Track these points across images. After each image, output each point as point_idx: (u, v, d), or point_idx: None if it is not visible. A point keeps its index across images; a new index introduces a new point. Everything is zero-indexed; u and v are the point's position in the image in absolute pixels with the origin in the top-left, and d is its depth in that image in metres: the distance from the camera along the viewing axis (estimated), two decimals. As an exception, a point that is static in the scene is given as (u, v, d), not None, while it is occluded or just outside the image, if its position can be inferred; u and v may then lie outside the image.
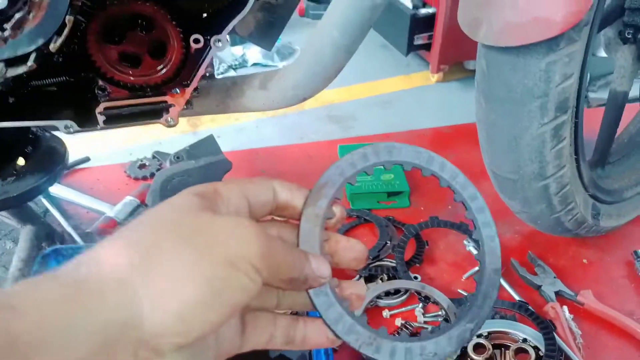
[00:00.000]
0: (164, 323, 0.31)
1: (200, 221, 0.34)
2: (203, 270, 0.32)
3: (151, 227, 0.34)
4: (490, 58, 0.80)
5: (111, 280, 0.31)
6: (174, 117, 0.70)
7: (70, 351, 0.29)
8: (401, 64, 2.19)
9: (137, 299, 0.31)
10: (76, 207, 1.22)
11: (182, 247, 0.33)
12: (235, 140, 1.79)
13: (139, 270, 0.32)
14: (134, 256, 0.32)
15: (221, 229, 0.34)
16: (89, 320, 0.29)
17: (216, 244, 0.33)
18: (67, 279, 0.31)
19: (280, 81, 0.74)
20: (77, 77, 0.68)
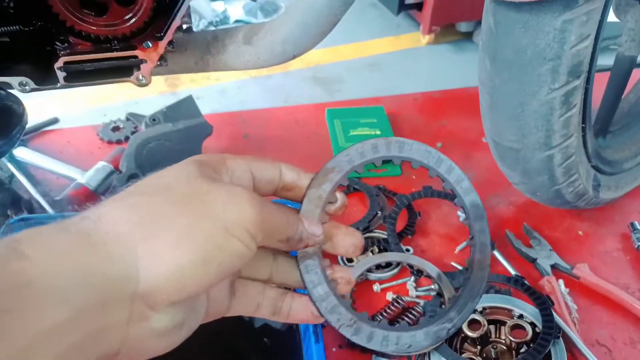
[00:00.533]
0: (159, 280, 0.33)
1: (197, 187, 0.35)
2: (199, 234, 0.34)
3: (150, 190, 0.36)
4: (499, 15, 0.73)
5: (112, 235, 0.33)
6: (146, 75, 0.62)
7: (71, 300, 0.30)
8: (391, 24, 2.10)
9: (135, 255, 0.33)
10: (45, 173, 1.14)
11: (179, 211, 0.34)
12: (217, 101, 1.71)
13: (137, 228, 0.33)
14: (133, 216, 0.34)
15: (218, 195, 0.35)
16: (91, 271, 0.31)
17: (212, 210, 0.35)
18: (72, 230, 0.32)
19: (267, 35, 0.66)
20: (33, 27, 0.59)
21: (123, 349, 0.34)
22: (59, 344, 0.30)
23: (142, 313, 0.33)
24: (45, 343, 0.29)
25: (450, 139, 1.25)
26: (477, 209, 0.51)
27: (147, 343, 0.35)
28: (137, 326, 0.34)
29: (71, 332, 0.30)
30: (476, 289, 0.50)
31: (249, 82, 1.77)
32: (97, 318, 0.31)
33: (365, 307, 0.87)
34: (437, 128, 1.30)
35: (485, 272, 0.51)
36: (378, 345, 0.44)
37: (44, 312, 0.29)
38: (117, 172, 1.08)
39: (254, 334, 0.83)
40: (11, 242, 0.30)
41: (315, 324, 0.77)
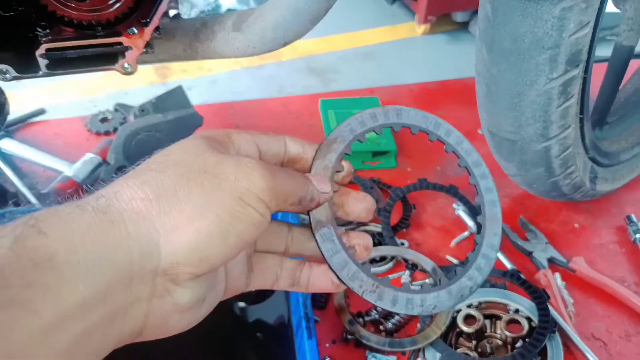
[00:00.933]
0: (179, 253, 0.33)
1: (207, 160, 0.36)
2: (214, 205, 0.34)
3: (161, 167, 0.35)
4: (496, 3, 0.71)
5: (130, 212, 0.33)
6: (132, 63, 0.60)
7: (97, 276, 0.30)
8: (386, 13, 2.07)
9: (155, 230, 0.33)
10: (31, 165, 1.12)
11: (192, 185, 0.34)
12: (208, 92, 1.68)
13: (154, 205, 0.33)
14: (148, 192, 0.34)
15: (227, 167, 0.36)
16: (114, 248, 0.31)
17: (225, 181, 0.35)
18: (88, 209, 0.32)
19: (257, 21, 0.63)
20: (14, 12, 0.57)
21: (147, 325, 0.34)
22: (84, 319, 0.30)
23: (165, 288, 0.34)
24: (71, 318, 0.29)
25: (446, 131, 1.23)
26: (480, 168, 0.51)
27: (170, 319, 0.35)
28: (160, 302, 0.34)
29: (96, 308, 0.30)
30: (493, 244, 0.48)
31: (241, 73, 1.74)
32: (120, 294, 0.32)
33: (360, 302, 0.86)
34: (432, 119, 1.28)
35: (499, 226, 0.49)
36: (403, 309, 0.44)
37: (68, 287, 0.29)
38: (105, 164, 1.05)
39: (248, 328, 0.82)
40: (29, 220, 0.30)
41: (308, 318, 0.76)
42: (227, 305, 0.83)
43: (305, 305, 0.77)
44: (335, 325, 0.83)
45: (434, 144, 0.53)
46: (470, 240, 0.96)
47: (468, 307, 0.83)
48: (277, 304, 0.84)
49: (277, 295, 0.84)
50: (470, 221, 0.98)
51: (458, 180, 1.08)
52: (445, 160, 1.15)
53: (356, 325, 0.81)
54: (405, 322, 0.84)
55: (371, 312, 0.85)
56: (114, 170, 0.99)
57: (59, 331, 0.29)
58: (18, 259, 0.28)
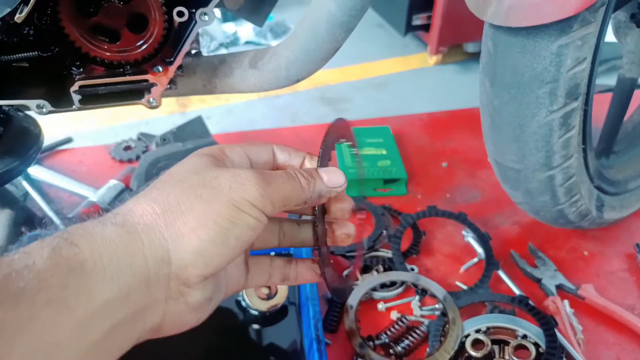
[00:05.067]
0: (186, 258, 0.38)
1: (205, 176, 0.40)
2: (213, 214, 0.39)
3: (167, 185, 0.40)
4: (497, 39, 0.75)
5: (142, 225, 0.38)
6: (156, 98, 0.65)
7: (120, 280, 0.35)
8: (398, 44, 2.13)
9: (164, 239, 0.38)
10: (58, 191, 1.17)
11: (193, 198, 0.39)
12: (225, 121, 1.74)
13: (161, 218, 0.38)
14: (155, 207, 0.39)
15: (224, 179, 0.40)
16: (132, 256, 0.36)
17: (221, 192, 0.39)
18: (108, 224, 0.37)
19: (272, 60, 0.68)
20: (51, 52, 0.62)
21: (164, 323, 0.40)
22: (111, 317, 0.35)
23: (179, 290, 0.39)
24: (100, 316, 0.34)
25: (456, 158, 1.26)
26: None
27: (183, 317, 0.41)
28: (175, 302, 0.39)
29: (120, 308, 0.35)
30: None
31: (257, 103, 1.81)
32: (140, 296, 0.37)
33: (370, 326, 0.88)
34: (442, 147, 1.31)
35: None
36: None
37: (96, 289, 0.34)
38: (128, 190, 1.10)
39: (261, 352, 0.84)
40: (62, 234, 0.36)
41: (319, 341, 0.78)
42: (241, 327, 0.86)
43: (317, 327, 0.79)
44: (346, 348, 0.85)
45: (443, 172, 0.56)
46: (480, 267, 0.98)
47: (476, 332, 0.84)
48: (289, 328, 0.86)
49: (289, 318, 0.86)
50: (480, 248, 1.00)
51: (467, 208, 1.10)
52: (454, 188, 1.18)
53: (366, 349, 0.83)
54: (415, 346, 0.86)
55: (381, 335, 0.86)
56: (135, 197, 1.03)
57: (90, 326, 0.34)
58: (56, 265, 0.33)
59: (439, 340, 0.83)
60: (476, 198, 1.16)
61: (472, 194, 1.17)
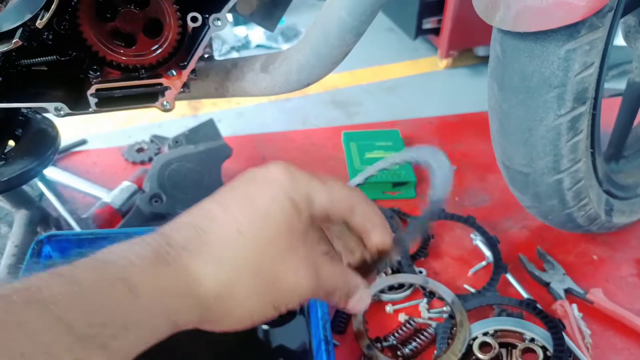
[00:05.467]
0: (240, 322, 0.41)
1: (277, 268, 0.40)
2: (269, 298, 0.41)
3: (239, 245, 0.39)
4: (505, 44, 0.76)
5: (201, 286, 0.38)
6: (170, 101, 0.66)
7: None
8: (408, 48, 2.14)
9: (227, 302, 0.39)
10: (72, 191, 1.20)
11: (258, 279, 0.40)
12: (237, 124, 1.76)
13: (225, 288, 0.39)
14: (220, 275, 0.39)
15: (288, 283, 0.41)
16: (169, 302, 0.37)
17: (277, 296, 0.41)
18: (183, 272, 0.38)
19: (283, 64, 0.70)
20: (69, 57, 0.64)
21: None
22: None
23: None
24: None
25: (465, 162, 1.27)
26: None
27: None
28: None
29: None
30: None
31: (268, 106, 1.82)
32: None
33: (378, 328, 0.89)
34: (452, 151, 1.32)
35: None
36: None
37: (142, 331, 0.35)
38: (141, 191, 1.12)
39: (269, 353, 0.85)
40: (119, 268, 0.36)
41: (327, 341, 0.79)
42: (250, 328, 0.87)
43: (325, 328, 0.80)
44: (353, 349, 0.86)
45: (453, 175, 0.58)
46: (488, 270, 0.99)
47: (484, 335, 0.85)
48: (298, 328, 0.87)
49: (298, 319, 0.88)
50: (488, 251, 1.01)
51: (476, 211, 1.11)
52: (463, 191, 1.19)
53: (374, 350, 0.84)
54: (423, 349, 0.86)
55: (389, 337, 0.87)
56: (148, 198, 1.05)
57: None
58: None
59: (446, 343, 0.84)
60: (485, 202, 1.17)
61: (481, 197, 1.18)
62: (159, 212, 1.04)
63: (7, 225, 1.16)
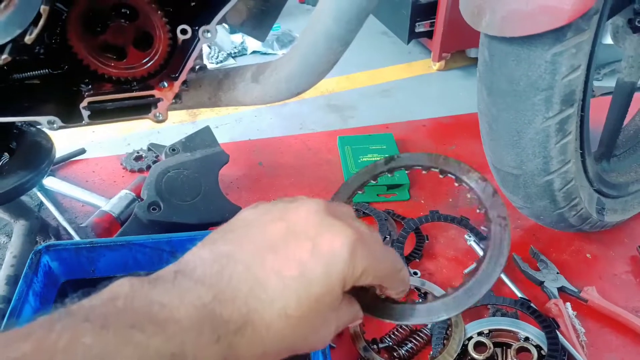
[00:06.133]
0: (276, 334, 0.39)
1: (313, 332, 0.41)
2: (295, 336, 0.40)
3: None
4: (492, 49, 0.77)
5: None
6: (163, 112, 0.68)
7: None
8: (402, 51, 2.15)
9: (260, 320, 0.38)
10: (71, 201, 1.20)
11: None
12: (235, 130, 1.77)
13: (259, 303, 0.38)
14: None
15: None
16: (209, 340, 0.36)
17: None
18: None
19: (273, 74, 0.71)
20: (61, 70, 0.65)
21: None
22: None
23: None
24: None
25: (459, 164, 1.28)
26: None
27: None
28: None
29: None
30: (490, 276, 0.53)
31: (265, 111, 1.84)
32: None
33: (373, 330, 0.90)
34: (445, 152, 1.31)
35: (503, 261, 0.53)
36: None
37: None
38: (139, 199, 1.13)
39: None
40: (157, 298, 0.35)
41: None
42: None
43: (321, 332, 0.81)
44: (350, 351, 0.87)
45: (445, 177, 0.59)
46: (482, 271, 0.99)
47: (479, 334, 0.86)
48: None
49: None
50: (482, 251, 1.01)
51: (469, 212, 1.12)
52: (457, 193, 1.19)
53: (370, 352, 0.84)
54: (418, 350, 0.87)
55: (385, 339, 0.88)
56: (146, 206, 1.06)
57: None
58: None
59: (442, 344, 0.85)
60: (479, 203, 1.18)
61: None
62: (156, 219, 1.05)
63: (6, 236, 1.17)
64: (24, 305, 0.79)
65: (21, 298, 0.79)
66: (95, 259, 0.92)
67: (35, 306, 0.83)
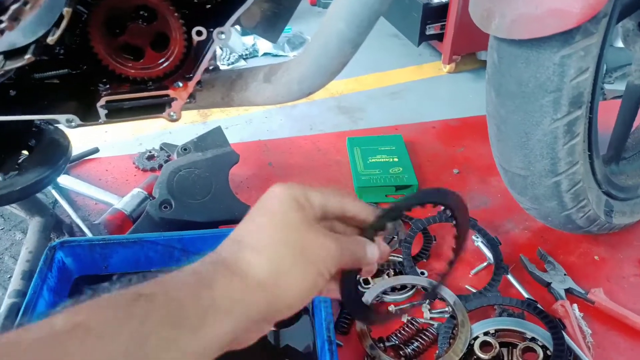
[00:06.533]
0: (288, 303, 0.47)
1: (303, 239, 0.48)
2: (311, 267, 0.48)
3: (271, 241, 0.47)
4: (501, 51, 0.78)
5: (254, 277, 0.46)
6: (177, 112, 0.69)
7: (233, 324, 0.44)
8: (412, 54, 2.16)
9: (264, 288, 0.45)
10: (85, 198, 1.23)
11: (294, 251, 0.47)
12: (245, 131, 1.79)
13: (272, 276, 0.46)
14: (262, 260, 0.46)
15: (317, 247, 0.48)
16: (243, 296, 0.44)
17: (314, 259, 0.48)
18: (237, 271, 0.46)
19: (285, 74, 0.72)
20: (80, 70, 0.67)
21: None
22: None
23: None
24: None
25: (467, 165, 1.29)
26: None
27: None
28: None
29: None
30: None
31: (275, 112, 1.85)
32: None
33: (381, 328, 0.91)
34: (454, 154, 1.33)
35: None
36: None
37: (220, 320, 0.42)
38: (151, 198, 1.15)
39: (274, 353, 0.88)
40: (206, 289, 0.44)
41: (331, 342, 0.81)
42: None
43: (329, 329, 0.82)
44: (357, 349, 0.88)
45: (454, 178, 0.60)
46: (489, 271, 1.00)
47: (485, 334, 0.86)
48: (302, 329, 0.89)
49: (302, 320, 0.90)
50: (489, 252, 1.02)
51: (478, 213, 1.12)
52: (465, 194, 1.20)
53: (377, 350, 0.86)
54: (425, 348, 0.88)
55: (392, 337, 0.89)
56: (158, 204, 1.08)
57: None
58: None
59: (448, 343, 0.86)
60: (487, 204, 1.18)
61: (483, 199, 1.20)
62: (168, 217, 1.07)
63: (22, 232, 1.20)
64: (39, 299, 0.81)
65: (36, 292, 0.82)
66: (108, 256, 0.94)
67: (49, 300, 0.85)
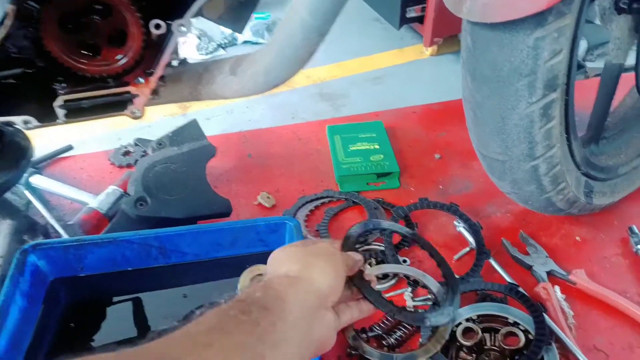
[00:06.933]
0: (326, 291, 0.59)
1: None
2: (336, 275, 0.61)
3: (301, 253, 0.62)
4: (475, 35, 0.76)
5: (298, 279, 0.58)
6: (140, 108, 0.67)
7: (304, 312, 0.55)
8: (394, 37, 2.13)
9: (310, 285, 0.57)
10: (59, 198, 1.20)
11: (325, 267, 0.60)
12: (225, 121, 1.76)
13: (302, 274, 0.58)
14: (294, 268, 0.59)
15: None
16: (305, 295, 0.56)
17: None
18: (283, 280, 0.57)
19: (251, 66, 0.70)
20: (35, 69, 0.65)
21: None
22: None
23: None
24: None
25: (449, 150, 1.27)
26: None
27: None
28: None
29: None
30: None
31: (256, 102, 1.82)
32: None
33: (363, 319, 0.90)
34: (435, 139, 1.32)
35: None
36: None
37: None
38: (126, 195, 1.12)
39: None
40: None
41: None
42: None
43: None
44: (339, 341, 0.86)
45: (436, 163, 0.59)
46: (472, 256, 1.00)
47: (467, 320, 0.86)
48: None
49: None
50: (471, 237, 1.02)
51: (460, 198, 1.12)
52: (447, 179, 1.19)
53: (359, 341, 0.85)
54: (407, 337, 0.87)
55: (374, 327, 0.88)
56: (133, 201, 1.05)
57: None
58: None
59: (430, 331, 0.85)
60: (468, 188, 1.18)
61: (465, 184, 1.19)
62: (144, 215, 1.04)
63: (-6, 236, 1.17)
64: (10, 305, 0.79)
65: (8, 299, 0.79)
66: (83, 257, 0.92)
67: (22, 306, 0.83)
